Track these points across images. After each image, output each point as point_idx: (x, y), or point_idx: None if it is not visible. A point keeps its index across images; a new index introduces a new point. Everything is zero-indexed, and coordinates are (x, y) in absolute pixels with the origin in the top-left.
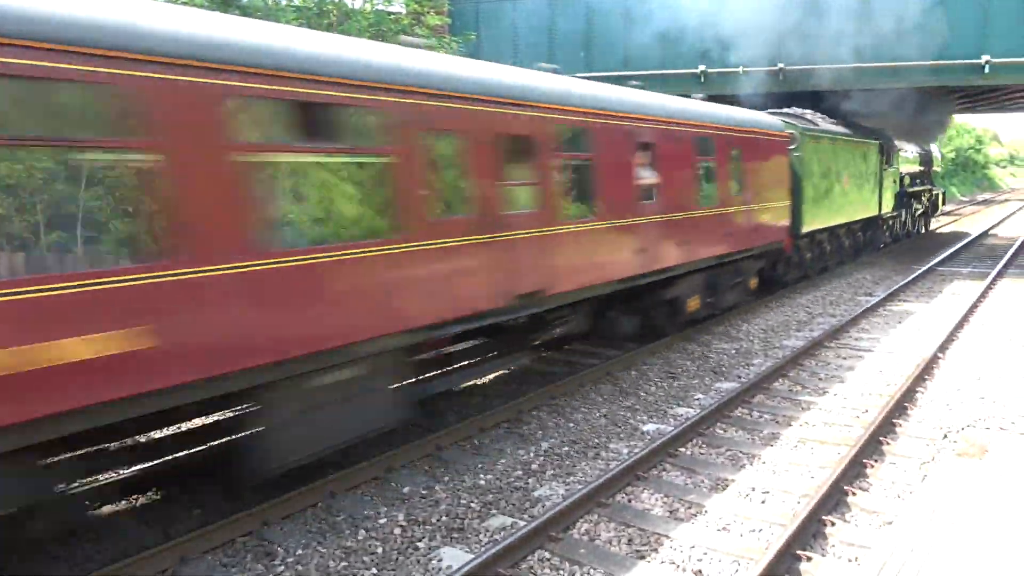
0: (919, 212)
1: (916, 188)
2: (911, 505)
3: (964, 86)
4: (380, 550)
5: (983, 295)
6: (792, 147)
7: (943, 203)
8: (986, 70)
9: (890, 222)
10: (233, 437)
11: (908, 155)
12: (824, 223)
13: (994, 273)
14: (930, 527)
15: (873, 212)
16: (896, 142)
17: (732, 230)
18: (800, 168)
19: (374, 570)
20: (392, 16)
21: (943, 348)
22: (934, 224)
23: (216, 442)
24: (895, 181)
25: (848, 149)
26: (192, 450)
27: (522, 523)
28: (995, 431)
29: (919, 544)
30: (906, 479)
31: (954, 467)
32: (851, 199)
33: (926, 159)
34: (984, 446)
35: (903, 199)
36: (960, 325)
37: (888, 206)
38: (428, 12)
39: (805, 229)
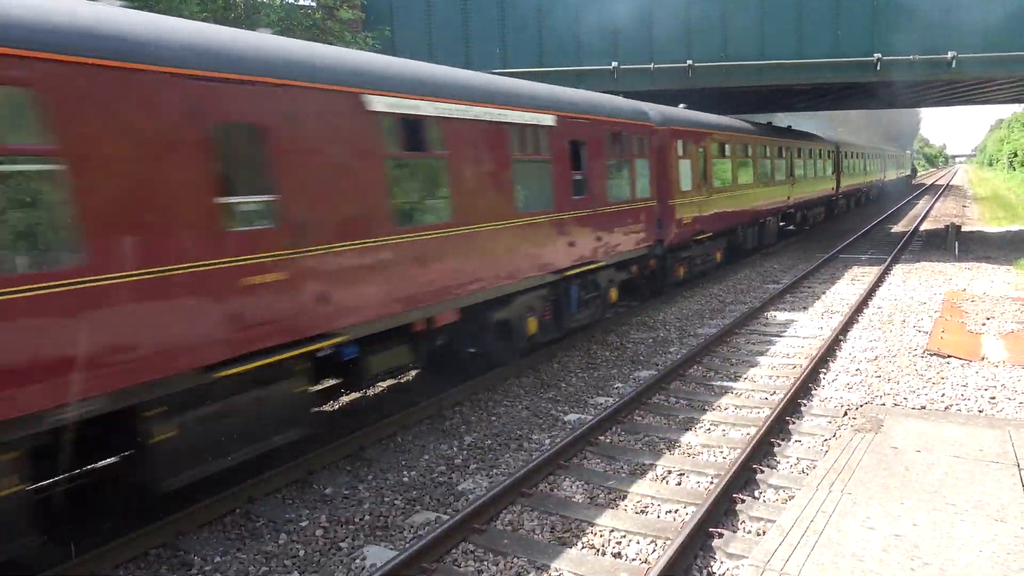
0: (915, 175)
1: (914, 167)
2: (813, 479)
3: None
4: (302, 553)
5: (879, 280)
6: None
7: (916, 172)
8: (878, 67)
9: (907, 178)
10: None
11: (914, 156)
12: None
13: (889, 259)
14: (828, 499)
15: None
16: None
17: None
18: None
19: (296, 573)
20: (303, 10)
21: (844, 331)
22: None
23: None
24: (912, 164)
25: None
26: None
27: (446, 517)
28: (889, 407)
29: (818, 516)
30: (810, 455)
31: (853, 442)
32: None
33: (912, 156)
34: (880, 421)
35: (912, 170)
36: (859, 309)
37: (907, 172)
38: (340, 6)
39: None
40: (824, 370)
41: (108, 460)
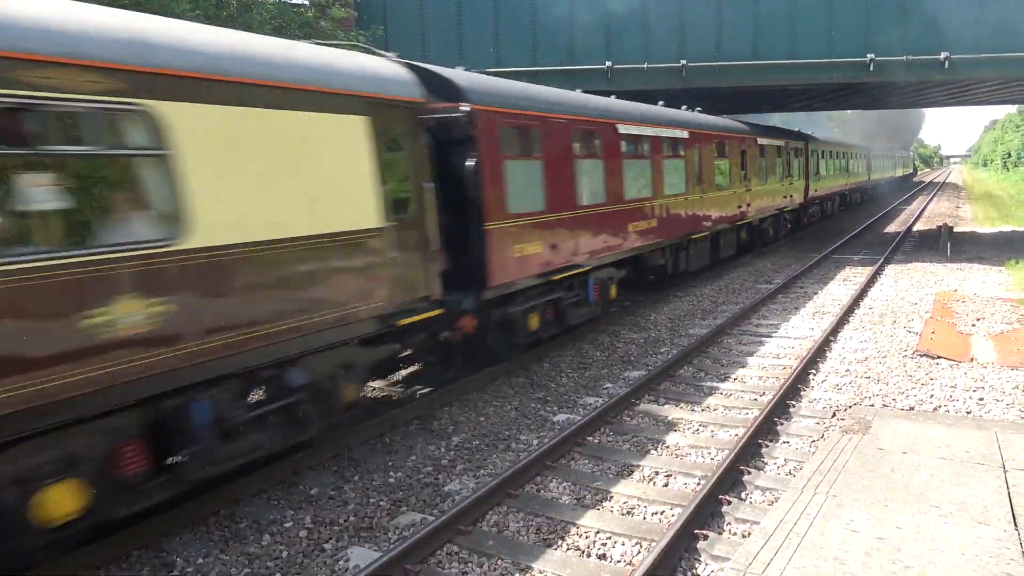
0: (916, 173)
1: (915, 166)
2: (798, 481)
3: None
4: (285, 554)
5: (871, 280)
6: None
7: (917, 171)
8: (871, 67)
9: (910, 175)
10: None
11: (914, 158)
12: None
13: (881, 259)
14: (813, 501)
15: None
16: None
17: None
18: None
19: (278, 575)
20: (295, 8)
21: (835, 331)
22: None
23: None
24: (914, 163)
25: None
26: None
27: (431, 518)
28: (878, 408)
29: (802, 518)
30: (797, 457)
31: (840, 443)
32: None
33: (912, 158)
34: (868, 422)
35: (914, 169)
36: (850, 309)
37: (909, 170)
38: (333, 4)
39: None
40: (814, 371)
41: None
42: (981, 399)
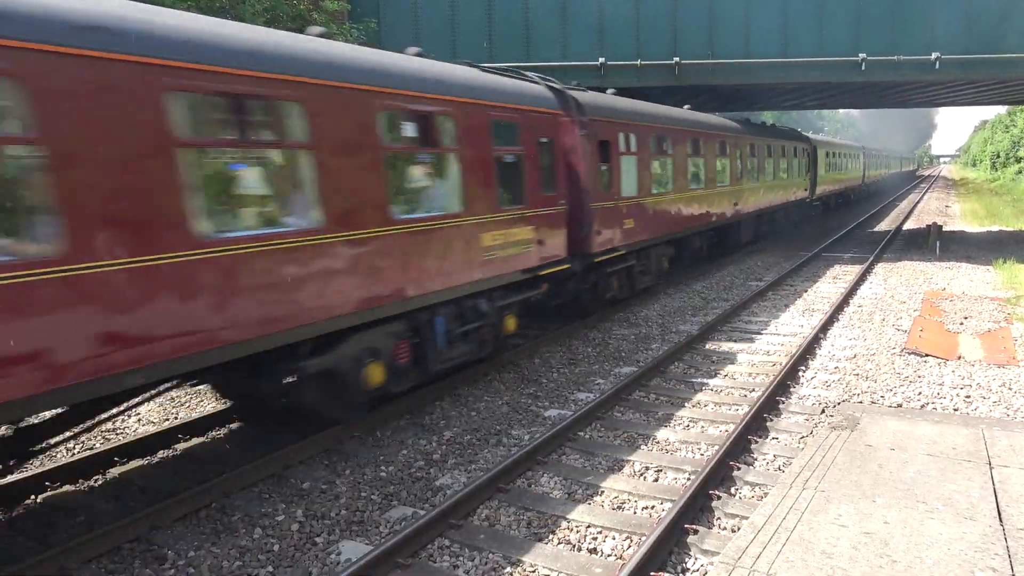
0: (919, 169)
1: (918, 164)
2: (788, 476)
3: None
4: (276, 547)
5: (861, 278)
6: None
7: (920, 167)
8: (863, 67)
9: (914, 171)
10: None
11: (914, 158)
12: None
13: (871, 258)
14: (802, 496)
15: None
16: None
17: None
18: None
19: (270, 568)
20: (288, 1)
21: (824, 329)
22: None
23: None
24: (918, 162)
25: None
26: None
27: (423, 512)
28: (866, 405)
29: (790, 513)
30: (786, 453)
31: (828, 439)
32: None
33: (916, 159)
34: (856, 419)
35: (917, 167)
36: (840, 307)
37: (913, 167)
38: None
39: None
40: (803, 368)
41: None
42: (968, 396)
